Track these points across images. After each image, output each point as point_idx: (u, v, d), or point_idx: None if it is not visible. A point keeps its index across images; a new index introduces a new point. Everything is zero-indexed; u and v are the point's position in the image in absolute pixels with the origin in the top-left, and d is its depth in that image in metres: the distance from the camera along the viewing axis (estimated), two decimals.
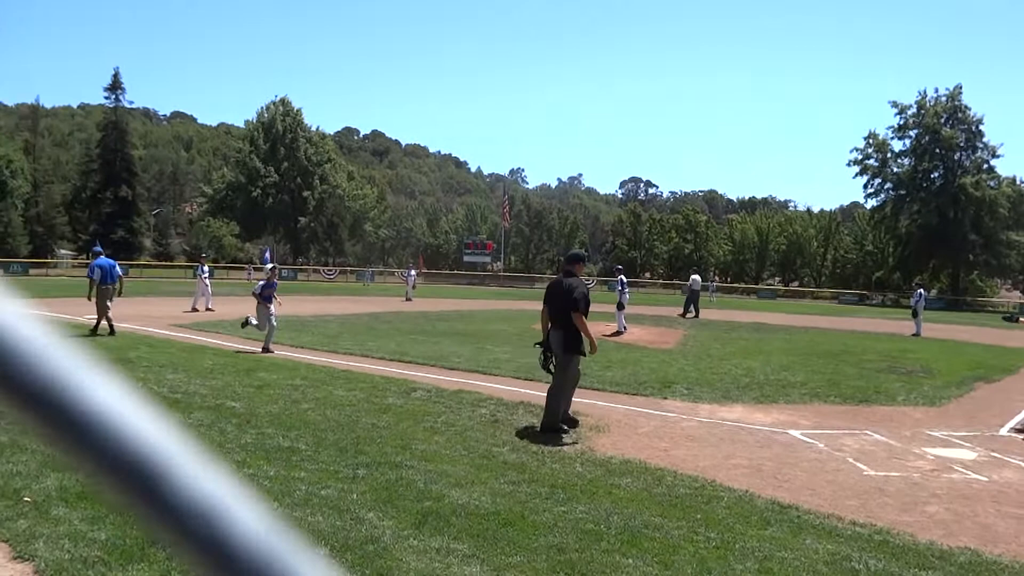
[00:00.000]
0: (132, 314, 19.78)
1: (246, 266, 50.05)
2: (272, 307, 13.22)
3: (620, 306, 20.35)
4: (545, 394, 7.95)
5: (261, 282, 13.60)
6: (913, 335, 24.30)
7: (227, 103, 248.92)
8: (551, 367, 7.90)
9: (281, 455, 6.23)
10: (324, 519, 4.72)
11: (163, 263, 61.83)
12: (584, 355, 7.89)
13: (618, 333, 19.60)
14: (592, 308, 8.09)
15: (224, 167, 76.72)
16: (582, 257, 8.84)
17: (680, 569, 4.22)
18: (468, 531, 4.63)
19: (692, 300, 28.24)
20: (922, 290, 27.94)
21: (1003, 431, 9.07)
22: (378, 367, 11.87)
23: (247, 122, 76.41)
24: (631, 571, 4.15)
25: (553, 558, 4.28)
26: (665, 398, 10.22)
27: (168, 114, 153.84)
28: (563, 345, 7.81)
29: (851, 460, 7.19)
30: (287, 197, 70.32)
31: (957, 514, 5.63)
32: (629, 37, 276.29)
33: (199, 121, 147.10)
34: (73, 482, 5.11)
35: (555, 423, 7.66)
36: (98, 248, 16.34)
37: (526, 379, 11.21)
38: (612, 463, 6.56)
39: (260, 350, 12.85)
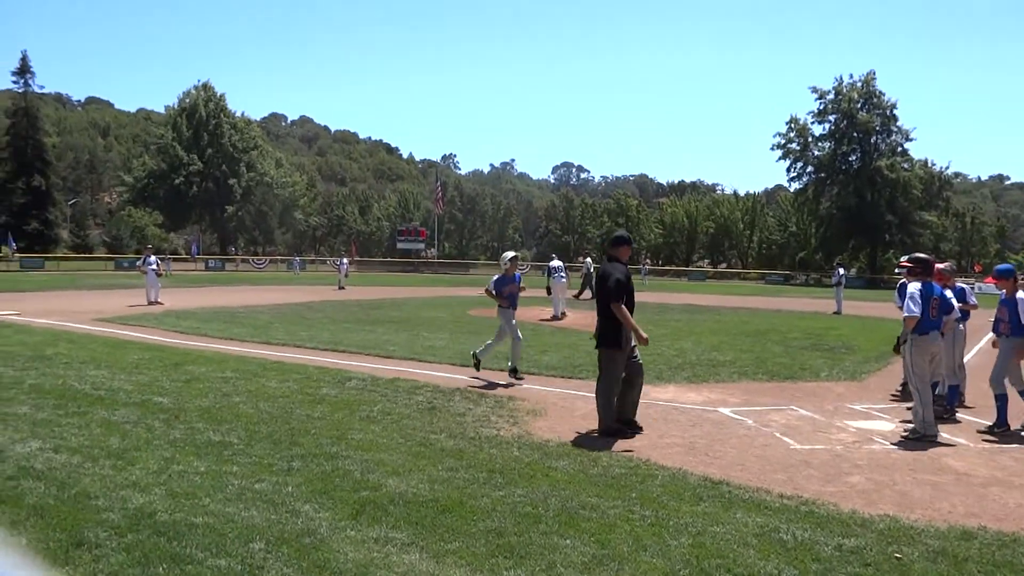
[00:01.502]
0: (50, 309, 18.98)
1: (167, 257, 48.35)
2: (513, 313, 10.25)
3: (548, 291, 20.53)
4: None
5: (495, 277, 10.46)
6: (834, 313, 25.23)
7: (146, 88, 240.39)
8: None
9: (212, 450, 6.08)
10: (259, 513, 4.63)
11: (82, 255, 59.38)
12: (621, 349, 7.23)
13: (555, 318, 19.78)
14: (527, 294, 7.75)
15: (145, 155, 74.04)
16: (625, 239, 7.71)
17: (616, 547, 4.30)
18: (406, 519, 4.62)
19: (587, 282, 28.77)
20: (842, 269, 29.10)
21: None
22: (311, 357, 11.68)
23: (168, 108, 73.96)
24: (568, 552, 4.21)
25: (492, 542, 4.31)
26: None
27: (83, 99, 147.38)
28: (598, 338, 7.40)
29: (778, 435, 7.43)
30: (212, 185, 68.37)
31: (877, 483, 5.88)
32: (561, 21, 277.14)
33: (116, 107, 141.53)
34: None
35: (611, 426, 7.22)
36: None
37: (462, 365, 11.21)
38: (549, 446, 6.62)
39: (508, 373, 10.07)
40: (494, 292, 10.22)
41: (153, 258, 22.73)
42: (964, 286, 9.87)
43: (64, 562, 3.83)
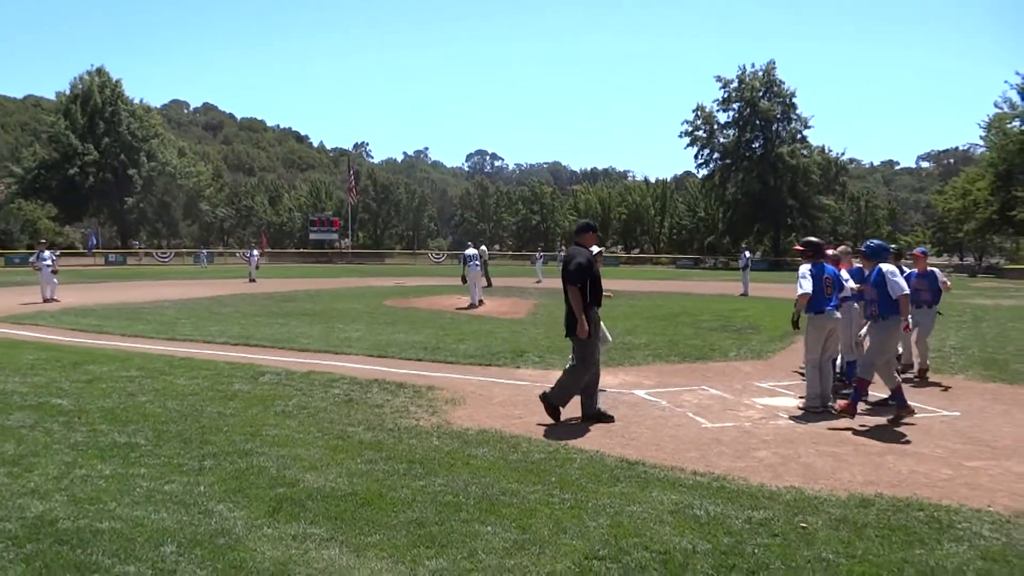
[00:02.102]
0: None
1: (55, 251, 45.78)
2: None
3: (463, 279, 20.62)
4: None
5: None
6: (742, 295, 26.18)
7: (34, 73, 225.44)
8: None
9: (118, 452, 5.83)
10: (169, 515, 4.48)
11: None
12: (590, 336, 7.08)
13: (471, 306, 19.81)
14: (439, 282, 7.65)
15: (35, 144, 69.74)
16: (591, 227, 7.70)
17: (537, 531, 4.35)
18: (325, 514, 4.55)
19: (484, 270, 29.02)
20: (748, 252, 30.20)
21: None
22: (222, 353, 11.33)
23: (59, 94, 69.80)
24: (490, 538, 4.23)
25: (413, 533, 4.29)
26: (518, 367, 10.44)
27: None
28: (567, 326, 7.29)
29: (691, 415, 7.67)
30: (110, 176, 65.07)
31: (783, 457, 6.15)
32: (471, 7, 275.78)
33: (1, 93, 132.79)
34: None
35: (558, 407, 7.24)
36: None
37: (379, 356, 11.10)
38: (468, 434, 6.63)
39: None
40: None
41: (47, 253, 21.70)
42: (860, 266, 10.37)
43: None
